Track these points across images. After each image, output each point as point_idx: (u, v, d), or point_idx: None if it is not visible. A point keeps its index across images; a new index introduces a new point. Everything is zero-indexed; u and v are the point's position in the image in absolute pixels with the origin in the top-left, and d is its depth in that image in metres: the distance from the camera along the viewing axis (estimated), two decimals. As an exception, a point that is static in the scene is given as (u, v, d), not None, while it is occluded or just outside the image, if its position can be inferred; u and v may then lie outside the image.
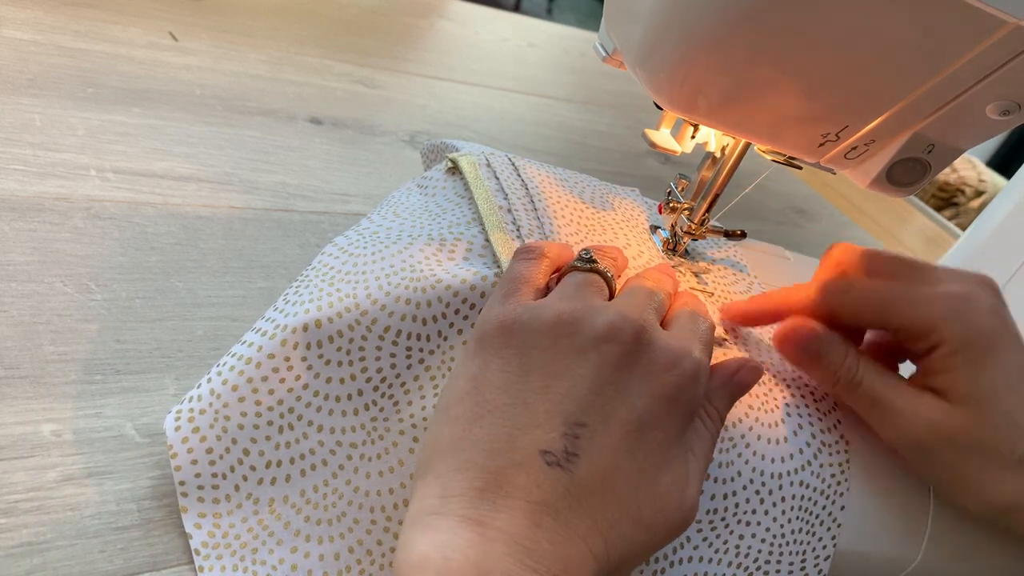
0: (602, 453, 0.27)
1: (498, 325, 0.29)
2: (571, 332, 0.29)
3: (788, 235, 0.79)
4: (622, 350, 0.28)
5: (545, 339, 0.29)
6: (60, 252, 0.42)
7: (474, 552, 0.23)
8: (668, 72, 0.32)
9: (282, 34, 0.76)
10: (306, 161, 0.58)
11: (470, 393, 0.28)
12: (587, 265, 0.32)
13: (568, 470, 0.26)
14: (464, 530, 0.24)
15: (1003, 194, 0.54)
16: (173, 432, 0.33)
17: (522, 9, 3.35)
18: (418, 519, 0.25)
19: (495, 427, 0.27)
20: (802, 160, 0.36)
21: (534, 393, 0.28)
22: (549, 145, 0.76)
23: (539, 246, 0.33)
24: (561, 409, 0.27)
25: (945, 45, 0.29)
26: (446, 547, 0.24)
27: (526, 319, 0.29)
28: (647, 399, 0.28)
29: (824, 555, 0.36)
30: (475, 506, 0.25)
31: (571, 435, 0.27)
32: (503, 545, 0.24)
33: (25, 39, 0.58)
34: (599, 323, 0.29)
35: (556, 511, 0.25)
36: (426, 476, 0.27)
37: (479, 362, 0.29)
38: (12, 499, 0.31)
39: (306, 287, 0.36)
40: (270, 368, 0.33)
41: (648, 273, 0.34)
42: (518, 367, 0.28)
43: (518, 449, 0.26)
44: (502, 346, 0.29)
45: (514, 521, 0.25)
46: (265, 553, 0.32)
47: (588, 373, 0.28)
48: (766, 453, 0.34)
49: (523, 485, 0.25)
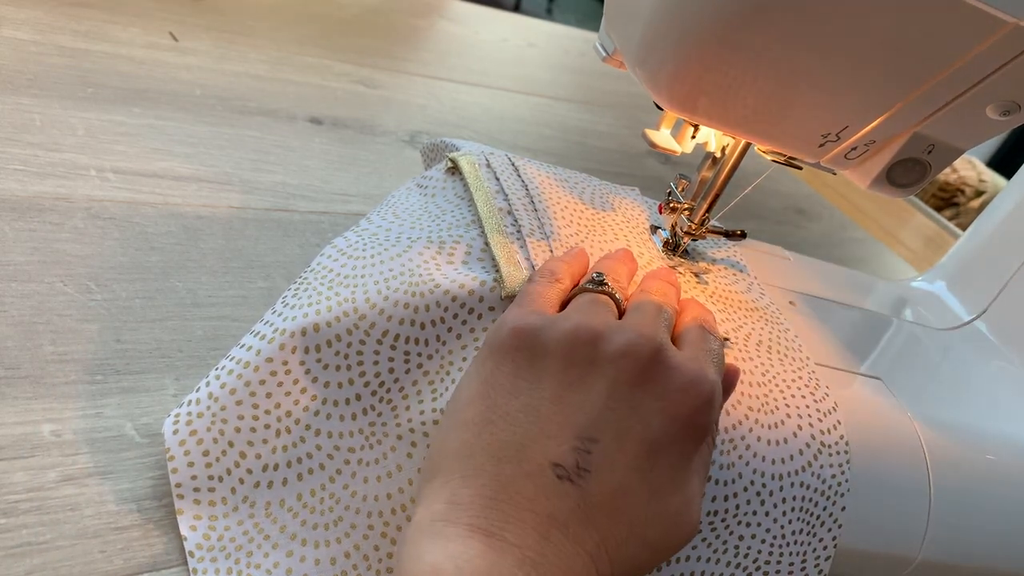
0: (613, 471, 0.26)
1: (512, 330, 0.29)
2: (588, 345, 0.28)
3: (788, 235, 0.79)
4: (639, 368, 0.28)
5: (561, 348, 0.28)
6: (60, 252, 0.42)
7: (484, 563, 0.23)
8: (668, 72, 0.32)
9: (282, 34, 0.76)
10: (306, 161, 0.58)
11: (481, 397, 0.28)
12: (599, 288, 0.32)
13: (579, 486, 0.26)
14: (474, 540, 0.24)
15: (1003, 194, 0.54)
16: (171, 436, 0.33)
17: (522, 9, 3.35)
18: (426, 525, 0.25)
19: (506, 433, 0.27)
20: (802, 160, 0.36)
21: (546, 402, 0.27)
22: (549, 145, 0.76)
23: (554, 271, 0.33)
24: (574, 422, 0.27)
25: (945, 45, 0.29)
26: (458, 558, 0.23)
27: (541, 326, 0.29)
28: (662, 419, 0.27)
29: (824, 555, 0.36)
30: (485, 515, 0.25)
31: (583, 450, 0.26)
32: (512, 558, 0.24)
33: (25, 39, 0.58)
34: (618, 339, 0.28)
35: (565, 526, 0.25)
36: (433, 480, 0.27)
37: (490, 366, 0.29)
38: (12, 499, 0.31)
39: (304, 290, 0.36)
40: (268, 372, 0.33)
41: (652, 286, 0.34)
42: (530, 374, 0.28)
43: (528, 459, 0.26)
44: (515, 351, 0.29)
45: (523, 533, 0.25)
46: (260, 556, 0.32)
47: (604, 388, 0.27)
48: (766, 454, 0.34)
49: (532, 496, 0.25)
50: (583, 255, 0.35)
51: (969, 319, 0.50)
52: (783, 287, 0.46)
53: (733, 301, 0.40)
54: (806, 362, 0.39)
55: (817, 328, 0.43)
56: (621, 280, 0.34)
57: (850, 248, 0.84)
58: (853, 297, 0.48)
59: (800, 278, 0.48)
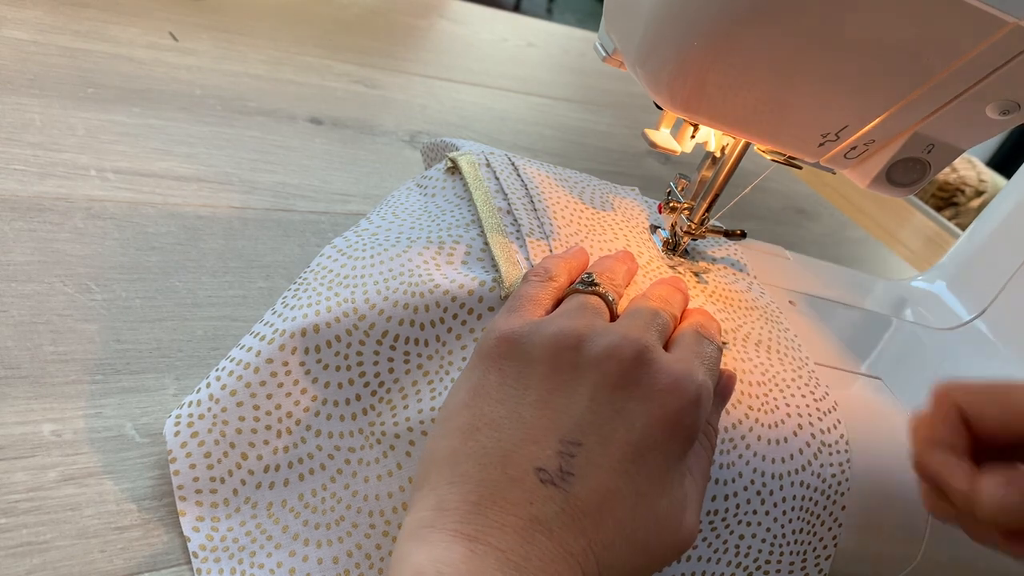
0: (598, 474, 0.26)
1: (498, 338, 0.29)
2: (572, 350, 0.28)
3: (788, 235, 0.79)
4: (621, 370, 0.28)
5: (545, 354, 0.28)
6: (60, 252, 0.42)
7: (467, 567, 0.23)
8: (668, 71, 0.32)
9: (282, 34, 0.76)
10: (306, 161, 0.58)
11: (468, 405, 0.28)
12: (588, 288, 0.32)
13: (563, 489, 0.26)
14: (457, 544, 0.24)
15: (1003, 194, 0.54)
16: (172, 437, 0.33)
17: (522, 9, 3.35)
18: (413, 531, 0.25)
19: (491, 441, 0.27)
20: (802, 160, 0.36)
21: (531, 407, 0.27)
22: (549, 145, 0.76)
23: (549, 269, 0.33)
24: (557, 425, 0.27)
25: (945, 45, 0.29)
26: (440, 561, 0.24)
27: (527, 333, 0.29)
28: (646, 421, 0.27)
29: (825, 555, 0.36)
30: (469, 521, 0.25)
31: (566, 453, 0.26)
32: (495, 560, 0.24)
33: (25, 39, 0.58)
34: (600, 342, 0.28)
35: (550, 529, 0.25)
36: (422, 488, 0.27)
37: (478, 375, 0.29)
38: (12, 499, 0.31)
39: (304, 291, 0.36)
40: (268, 373, 0.33)
41: (655, 291, 0.34)
42: (516, 381, 0.28)
43: (513, 464, 0.26)
44: (502, 359, 0.29)
45: (506, 537, 0.25)
46: (263, 556, 0.32)
47: (587, 391, 0.28)
48: (766, 454, 0.34)
49: (517, 501, 0.25)
50: (582, 253, 0.35)
51: (969, 319, 0.50)
52: (783, 287, 0.46)
53: (733, 300, 0.40)
54: (806, 361, 0.39)
55: (817, 328, 0.43)
56: (617, 280, 0.34)
57: (850, 248, 0.84)
58: (853, 297, 0.48)
59: (800, 278, 0.48)
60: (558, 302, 0.32)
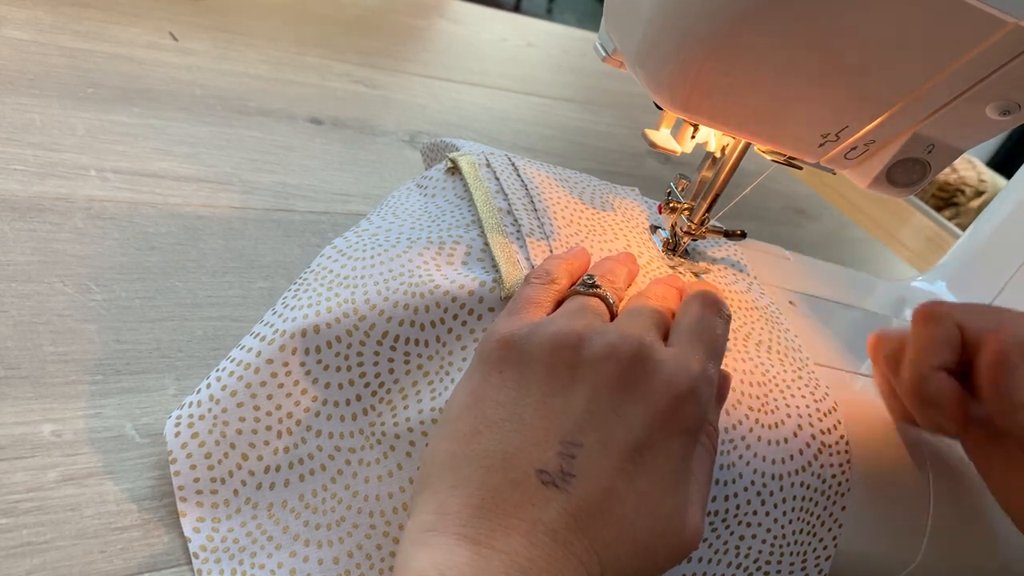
0: (599, 474, 0.26)
1: (498, 341, 0.29)
2: (570, 350, 0.28)
3: (788, 235, 0.79)
4: (619, 370, 0.28)
5: (544, 356, 0.28)
6: (60, 252, 0.42)
7: (471, 571, 0.23)
8: (668, 71, 0.32)
9: (282, 34, 0.76)
10: (306, 161, 0.58)
11: (469, 408, 0.28)
12: (589, 290, 0.32)
13: (564, 490, 0.26)
14: (461, 548, 0.24)
15: (1003, 194, 0.54)
16: (173, 438, 0.33)
17: (522, 9, 3.35)
18: (416, 536, 0.25)
19: (492, 443, 0.27)
20: (802, 160, 0.36)
21: (531, 409, 0.27)
22: (549, 145, 0.76)
23: (550, 271, 0.33)
24: (557, 427, 0.27)
25: (945, 45, 0.29)
26: (443, 565, 0.23)
27: (526, 335, 0.29)
28: (644, 420, 0.27)
29: (825, 555, 0.36)
30: (472, 524, 0.25)
31: (566, 454, 0.26)
32: (500, 564, 0.24)
33: (25, 39, 0.58)
34: (598, 342, 0.28)
35: (553, 531, 0.25)
36: (424, 492, 0.27)
37: (478, 378, 0.29)
38: (12, 499, 0.31)
39: (304, 291, 0.36)
40: (268, 373, 0.33)
41: (652, 290, 0.34)
42: (516, 383, 0.28)
43: (514, 467, 0.26)
44: (501, 362, 0.29)
45: (510, 540, 0.25)
46: (264, 557, 0.32)
47: (585, 392, 0.28)
48: (767, 454, 0.34)
49: (519, 504, 0.25)
50: (584, 254, 0.35)
51: (969, 319, 0.50)
52: (783, 287, 0.46)
53: (733, 301, 0.40)
54: (806, 362, 0.39)
55: (817, 328, 0.43)
56: (617, 282, 0.34)
57: (850, 248, 0.84)
58: (853, 297, 0.48)
59: (800, 278, 0.48)
60: (559, 304, 0.32)
